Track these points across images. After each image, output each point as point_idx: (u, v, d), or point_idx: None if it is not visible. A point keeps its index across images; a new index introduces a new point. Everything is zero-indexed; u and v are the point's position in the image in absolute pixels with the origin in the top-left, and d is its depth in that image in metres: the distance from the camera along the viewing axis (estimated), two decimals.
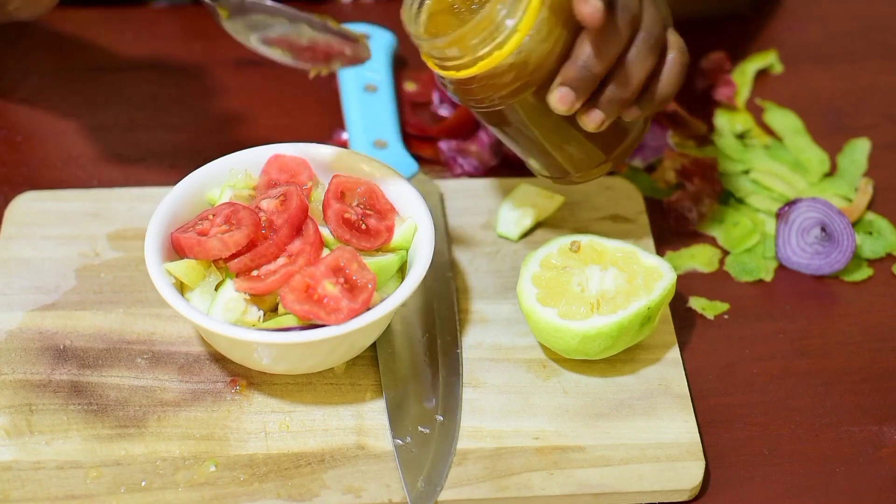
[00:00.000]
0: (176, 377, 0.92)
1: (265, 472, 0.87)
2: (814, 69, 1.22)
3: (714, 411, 0.93)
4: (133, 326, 0.95)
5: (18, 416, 0.89)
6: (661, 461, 0.88)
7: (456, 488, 0.86)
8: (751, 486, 0.89)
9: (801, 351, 0.97)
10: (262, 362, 0.90)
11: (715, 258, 1.04)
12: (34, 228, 1.01)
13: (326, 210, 0.91)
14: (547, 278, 0.93)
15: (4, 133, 1.12)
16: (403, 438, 0.88)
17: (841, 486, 0.89)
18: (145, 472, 0.87)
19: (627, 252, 0.94)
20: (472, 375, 0.93)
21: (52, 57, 1.19)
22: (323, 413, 0.90)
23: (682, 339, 0.97)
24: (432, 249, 0.90)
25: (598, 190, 1.07)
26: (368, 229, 0.91)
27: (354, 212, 0.92)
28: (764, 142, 1.14)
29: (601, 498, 0.87)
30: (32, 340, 0.94)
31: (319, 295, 0.86)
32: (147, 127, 1.13)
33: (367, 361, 0.93)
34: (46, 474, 0.86)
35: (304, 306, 0.85)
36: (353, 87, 1.13)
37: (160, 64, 1.20)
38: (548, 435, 0.89)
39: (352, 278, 0.87)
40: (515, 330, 0.96)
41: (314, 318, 0.85)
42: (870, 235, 1.05)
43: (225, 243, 0.87)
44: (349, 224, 0.91)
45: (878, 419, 0.93)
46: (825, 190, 1.09)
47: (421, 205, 0.93)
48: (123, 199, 1.04)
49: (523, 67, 0.87)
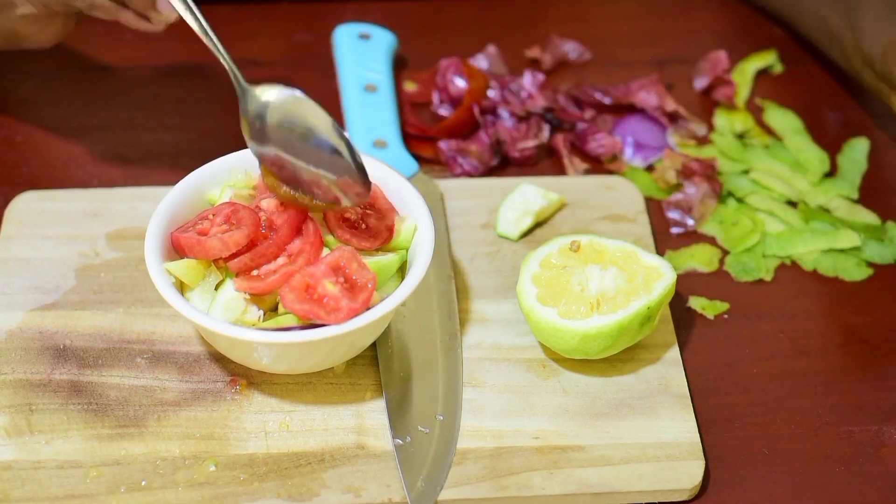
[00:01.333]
0: (176, 377, 0.92)
1: (265, 471, 0.87)
2: (814, 69, 1.22)
3: (714, 411, 0.93)
4: (133, 326, 0.95)
5: (18, 415, 0.89)
6: (660, 461, 0.88)
7: (456, 488, 0.86)
8: (751, 486, 0.89)
9: (801, 351, 0.97)
10: (262, 362, 0.90)
11: (715, 258, 1.04)
12: (34, 228, 1.01)
13: (326, 210, 0.91)
14: (547, 278, 0.93)
15: (4, 133, 1.12)
16: (403, 438, 0.88)
17: (841, 486, 0.89)
18: (145, 471, 0.87)
19: (627, 252, 0.94)
20: (472, 375, 0.93)
21: (52, 57, 1.19)
22: (323, 413, 0.90)
23: (682, 339, 0.97)
24: (432, 249, 0.90)
25: (598, 190, 1.07)
26: (368, 229, 0.91)
27: (354, 211, 0.92)
28: (764, 142, 1.14)
29: (601, 497, 0.87)
30: (32, 340, 0.94)
31: (319, 294, 0.86)
32: (147, 127, 1.13)
33: (367, 361, 0.93)
34: (46, 474, 0.86)
35: (303, 306, 0.85)
36: (353, 87, 1.13)
37: (160, 64, 1.20)
38: (548, 434, 0.89)
39: (352, 278, 0.87)
40: (515, 330, 0.96)
41: (314, 318, 0.85)
42: (881, 242, 1.05)
43: (225, 243, 0.87)
44: (349, 223, 0.91)
45: (878, 419, 0.93)
46: (826, 190, 1.09)
47: (421, 205, 0.93)
48: (123, 199, 1.04)
49: None
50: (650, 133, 1.13)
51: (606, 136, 1.12)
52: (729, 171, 1.10)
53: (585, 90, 1.16)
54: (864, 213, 1.07)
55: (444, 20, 1.10)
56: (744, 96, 1.18)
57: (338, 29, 1.18)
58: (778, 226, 1.06)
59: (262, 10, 1.26)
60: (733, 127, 1.15)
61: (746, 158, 1.12)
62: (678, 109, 1.14)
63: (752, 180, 1.10)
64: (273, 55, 1.22)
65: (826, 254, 1.04)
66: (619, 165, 1.12)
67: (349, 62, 1.15)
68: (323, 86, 1.17)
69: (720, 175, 1.09)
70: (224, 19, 1.24)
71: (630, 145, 1.12)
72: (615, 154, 1.12)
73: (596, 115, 1.15)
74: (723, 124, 1.15)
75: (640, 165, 1.12)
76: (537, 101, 1.14)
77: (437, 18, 1.26)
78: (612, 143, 1.12)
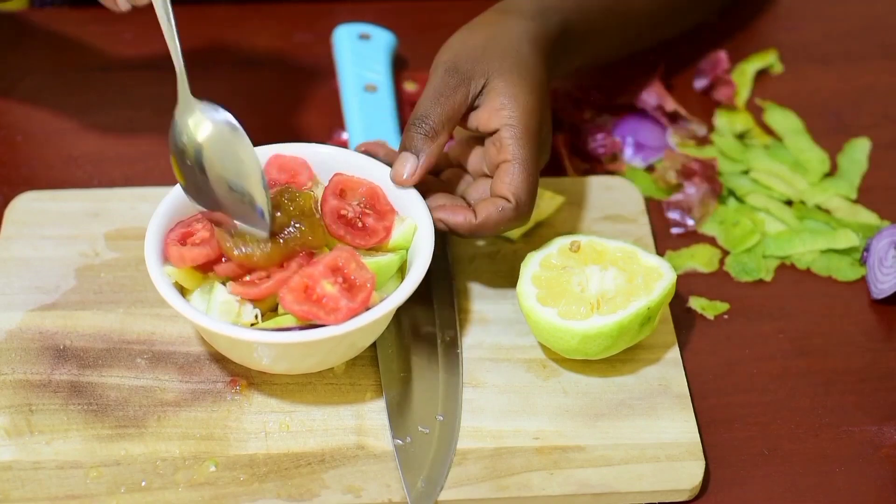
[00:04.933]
0: (176, 377, 0.92)
1: (265, 472, 0.87)
2: (813, 69, 1.22)
3: (714, 411, 0.93)
4: (133, 326, 0.95)
5: (18, 416, 0.89)
6: (661, 461, 0.88)
7: (456, 488, 0.86)
8: (751, 486, 0.89)
9: (801, 351, 0.97)
10: (262, 362, 0.89)
11: (715, 258, 1.04)
12: (34, 228, 1.01)
13: (324, 206, 0.91)
14: (547, 278, 0.93)
15: (4, 133, 1.12)
16: (403, 438, 0.88)
17: (841, 486, 0.89)
18: (145, 472, 0.87)
19: (627, 252, 0.94)
20: (472, 375, 0.93)
21: (52, 57, 1.19)
22: (323, 413, 0.90)
23: (682, 339, 0.97)
24: (432, 249, 0.90)
25: (598, 190, 1.07)
26: (365, 227, 0.91)
27: (353, 209, 0.91)
28: (764, 142, 1.14)
29: (601, 498, 0.87)
30: (32, 340, 0.94)
31: (318, 295, 0.86)
32: (147, 127, 1.13)
33: (367, 361, 0.93)
34: (46, 474, 0.86)
35: (302, 307, 0.85)
36: (353, 87, 1.13)
37: (160, 64, 1.19)
38: (548, 435, 0.89)
39: (350, 278, 0.87)
40: (515, 330, 0.96)
41: (313, 318, 0.85)
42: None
43: (182, 257, 0.88)
44: (344, 220, 0.91)
45: (878, 419, 0.93)
46: (825, 190, 1.09)
47: (421, 205, 0.93)
48: (123, 199, 1.04)
49: None
50: (650, 133, 1.13)
51: (606, 136, 1.12)
52: (729, 172, 1.10)
53: (585, 90, 1.16)
54: (863, 213, 1.07)
55: (444, 20, 1.10)
56: (744, 96, 1.18)
57: (338, 29, 1.18)
58: (778, 226, 1.06)
59: (262, 10, 1.26)
60: (733, 127, 1.15)
61: (746, 159, 1.12)
62: (678, 109, 1.14)
63: (753, 180, 1.10)
64: (273, 55, 1.22)
65: (822, 254, 1.04)
66: (619, 165, 1.12)
67: (349, 62, 1.15)
68: (323, 86, 1.17)
69: (720, 175, 1.09)
70: (224, 19, 1.24)
71: (630, 145, 1.12)
72: (615, 154, 1.12)
73: (596, 115, 1.15)
74: (723, 124, 1.15)
75: (640, 165, 1.12)
76: None
77: (437, 18, 1.26)
78: (612, 143, 1.12)
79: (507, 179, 0.90)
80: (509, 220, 0.91)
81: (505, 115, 0.91)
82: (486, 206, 0.91)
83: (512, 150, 0.90)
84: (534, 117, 0.91)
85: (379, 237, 0.91)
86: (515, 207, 0.90)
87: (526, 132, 0.91)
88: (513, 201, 0.90)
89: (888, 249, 1.00)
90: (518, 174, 0.90)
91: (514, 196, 0.90)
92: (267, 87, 1.18)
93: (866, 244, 1.03)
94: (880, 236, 1.01)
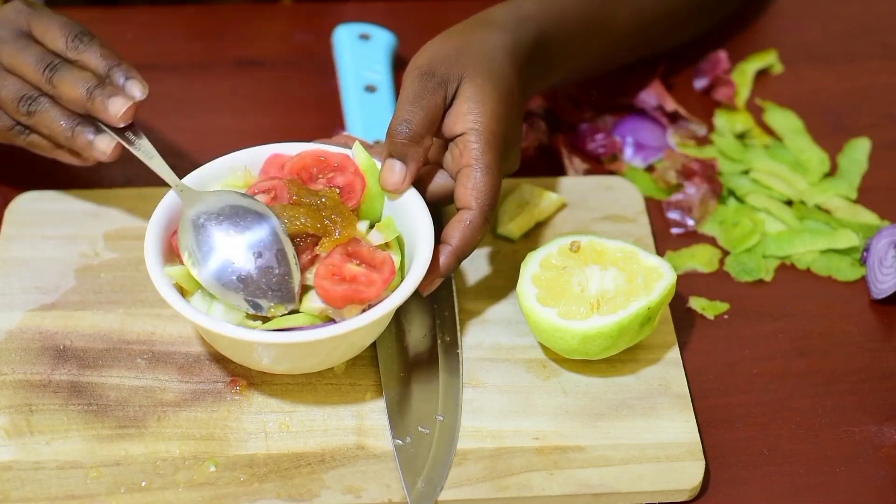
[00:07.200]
0: (176, 377, 0.92)
1: (265, 472, 0.87)
2: (813, 69, 1.22)
3: (714, 411, 0.93)
4: (133, 326, 0.95)
5: (18, 416, 0.89)
6: (661, 461, 0.88)
7: (456, 488, 0.86)
8: (751, 486, 0.89)
9: (801, 351, 0.97)
10: (263, 362, 0.90)
11: (715, 258, 1.04)
12: (34, 228, 1.01)
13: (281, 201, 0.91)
14: (547, 278, 0.93)
15: None
16: (403, 438, 0.88)
17: (841, 486, 0.89)
18: (145, 472, 0.87)
19: (627, 252, 0.94)
20: (472, 375, 0.93)
21: None
22: (323, 413, 0.90)
23: (682, 339, 0.97)
24: (432, 249, 0.90)
25: (598, 190, 1.07)
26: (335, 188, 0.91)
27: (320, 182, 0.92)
28: (764, 142, 1.14)
29: (601, 498, 0.87)
30: (32, 340, 0.94)
31: (350, 276, 0.86)
32: (147, 127, 1.13)
33: (367, 361, 0.93)
34: (46, 474, 0.86)
35: (342, 286, 0.86)
36: (353, 87, 1.13)
37: (160, 64, 1.20)
38: (548, 435, 0.89)
39: (367, 258, 0.88)
40: (515, 330, 0.96)
41: (355, 296, 0.86)
42: None
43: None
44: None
45: (878, 419, 0.93)
46: (825, 190, 1.09)
47: (420, 205, 0.92)
48: (123, 199, 1.04)
49: None
50: (650, 133, 1.13)
51: (606, 136, 1.12)
52: (729, 172, 1.10)
53: (585, 90, 1.16)
54: (863, 213, 1.07)
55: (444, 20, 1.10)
56: (744, 96, 1.18)
57: (338, 29, 1.18)
58: (778, 226, 1.06)
59: (262, 10, 1.26)
60: (733, 127, 1.15)
61: (746, 159, 1.12)
62: (678, 109, 1.14)
63: (753, 180, 1.10)
64: (273, 55, 1.22)
65: (822, 254, 1.04)
66: (619, 165, 1.12)
67: (349, 62, 1.15)
68: (323, 86, 1.17)
69: (720, 175, 1.09)
70: (224, 19, 1.24)
71: (630, 145, 1.12)
72: (615, 154, 1.12)
73: (596, 115, 1.15)
74: (723, 124, 1.15)
75: (640, 165, 1.12)
76: (537, 101, 1.14)
77: (437, 18, 1.25)
78: (612, 143, 1.12)
79: (469, 185, 0.90)
80: (479, 228, 0.90)
81: (470, 120, 0.91)
82: (453, 227, 0.90)
83: (475, 154, 0.90)
84: (500, 123, 0.91)
85: (352, 197, 0.91)
86: (480, 213, 0.90)
87: (490, 137, 0.90)
88: (475, 207, 0.90)
89: (888, 249, 1.00)
90: (480, 179, 0.90)
91: (476, 200, 0.90)
92: (267, 87, 1.18)
93: (866, 244, 1.03)
94: (880, 236, 1.01)
